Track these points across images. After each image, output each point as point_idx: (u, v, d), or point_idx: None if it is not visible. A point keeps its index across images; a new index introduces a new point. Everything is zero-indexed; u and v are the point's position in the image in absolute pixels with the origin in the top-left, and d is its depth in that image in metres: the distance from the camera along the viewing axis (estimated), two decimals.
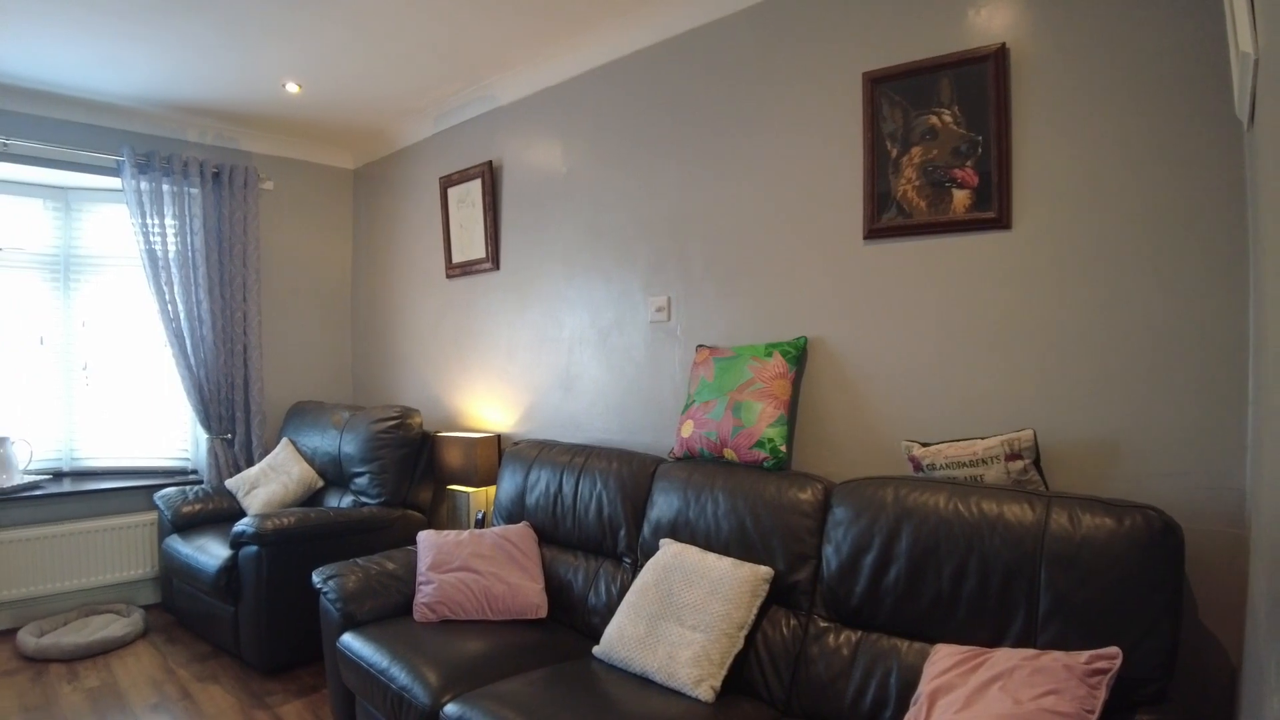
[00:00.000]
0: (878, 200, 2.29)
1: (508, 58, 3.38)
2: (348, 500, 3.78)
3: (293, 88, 3.73)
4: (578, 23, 3.05)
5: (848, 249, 2.39)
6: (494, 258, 3.71)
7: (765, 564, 2.15)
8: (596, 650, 2.25)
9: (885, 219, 2.27)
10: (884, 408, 2.31)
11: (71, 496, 3.92)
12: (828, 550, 2.07)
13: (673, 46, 2.92)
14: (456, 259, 3.94)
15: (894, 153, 2.24)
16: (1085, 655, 1.50)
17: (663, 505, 2.49)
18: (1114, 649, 1.49)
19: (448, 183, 3.92)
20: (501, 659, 2.27)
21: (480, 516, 3.45)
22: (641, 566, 2.48)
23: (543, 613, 2.61)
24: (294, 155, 4.68)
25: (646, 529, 2.54)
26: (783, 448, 2.32)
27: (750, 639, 2.09)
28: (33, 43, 3.22)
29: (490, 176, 3.68)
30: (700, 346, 2.73)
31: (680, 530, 2.41)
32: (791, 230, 2.55)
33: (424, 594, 2.60)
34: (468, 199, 3.81)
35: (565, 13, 2.96)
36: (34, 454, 4.04)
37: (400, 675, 2.21)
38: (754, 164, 2.66)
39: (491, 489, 3.54)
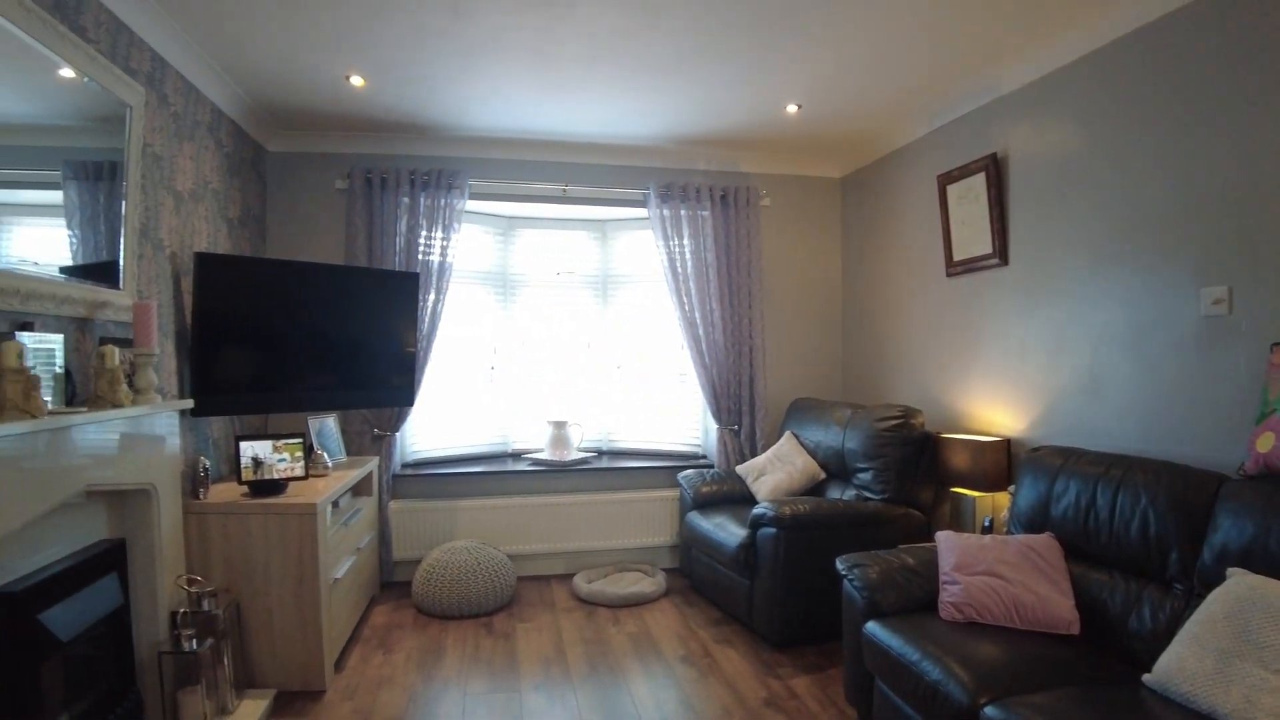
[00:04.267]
0: None
1: (1011, 44, 3.18)
2: (849, 493, 3.93)
3: (792, 109, 4.01)
4: None
5: None
6: (1001, 253, 3.53)
7: None
8: (1148, 679, 2.04)
9: None
10: None
11: (610, 472, 4.77)
12: None
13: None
14: (958, 256, 3.83)
15: None
16: None
17: (1230, 529, 2.16)
18: None
19: (946, 180, 3.85)
20: (1032, 670, 2.19)
21: (988, 522, 3.30)
22: (1197, 594, 2.25)
23: (1075, 629, 2.45)
24: (785, 171, 5.06)
25: (1207, 554, 2.22)
26: None
27: None
28: (589, 108, 4.01)
29: (995, 169, 3.52)
30: (1277, 345, 2.26)
31: (1255, 560, 2.06)
32: None
33: (950, 593, 2.58)
34: (969, 194, 3.68)
35: None
36: (584, 436, 5.00)
37: (933, 670, 2.24)
38: None
39: (999, 495, 3.37)
